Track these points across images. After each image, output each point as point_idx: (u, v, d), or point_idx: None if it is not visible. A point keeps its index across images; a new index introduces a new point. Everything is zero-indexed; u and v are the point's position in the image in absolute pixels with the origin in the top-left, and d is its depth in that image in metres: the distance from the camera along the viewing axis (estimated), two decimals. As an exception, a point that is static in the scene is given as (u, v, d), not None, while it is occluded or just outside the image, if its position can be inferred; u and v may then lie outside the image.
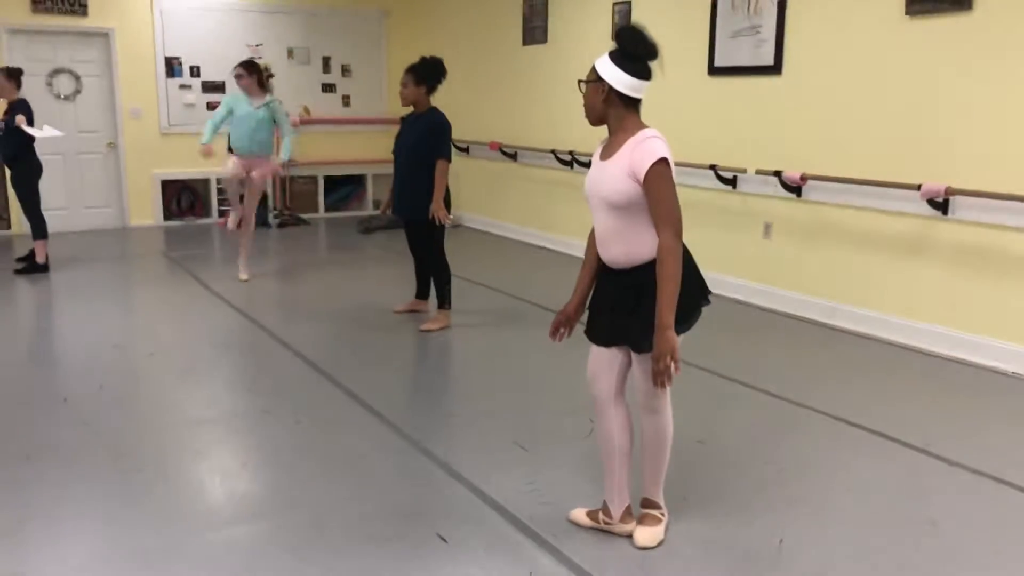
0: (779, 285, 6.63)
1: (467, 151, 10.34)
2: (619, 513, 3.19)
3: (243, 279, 7.47)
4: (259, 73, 7.30)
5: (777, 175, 6.44)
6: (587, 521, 3.27)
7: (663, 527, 3.20)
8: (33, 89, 9.11)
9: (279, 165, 7.59)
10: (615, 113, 2.96)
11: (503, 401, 4.67)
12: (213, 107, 10.22)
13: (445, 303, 6.08)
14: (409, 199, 5.92)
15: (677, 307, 2.83)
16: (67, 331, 6.26)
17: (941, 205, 5.44)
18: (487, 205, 10.35)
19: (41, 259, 7.79)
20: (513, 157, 9.65)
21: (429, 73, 5.87)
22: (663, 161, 2.86)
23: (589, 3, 8.32)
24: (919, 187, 5.47)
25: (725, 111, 6.94)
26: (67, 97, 9.95)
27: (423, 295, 6.44)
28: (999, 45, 5.12)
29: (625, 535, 3.19)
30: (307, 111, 11.04)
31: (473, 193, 10.47)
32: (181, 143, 10.36)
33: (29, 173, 7.67)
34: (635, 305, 2.96)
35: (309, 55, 11.07)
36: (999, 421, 4.47)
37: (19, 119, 7.38)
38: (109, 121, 10.19)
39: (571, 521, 3.30)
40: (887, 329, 5.84)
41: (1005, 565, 3.11)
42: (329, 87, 11.26)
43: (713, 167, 6.94)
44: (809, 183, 6.27)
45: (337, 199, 11.61)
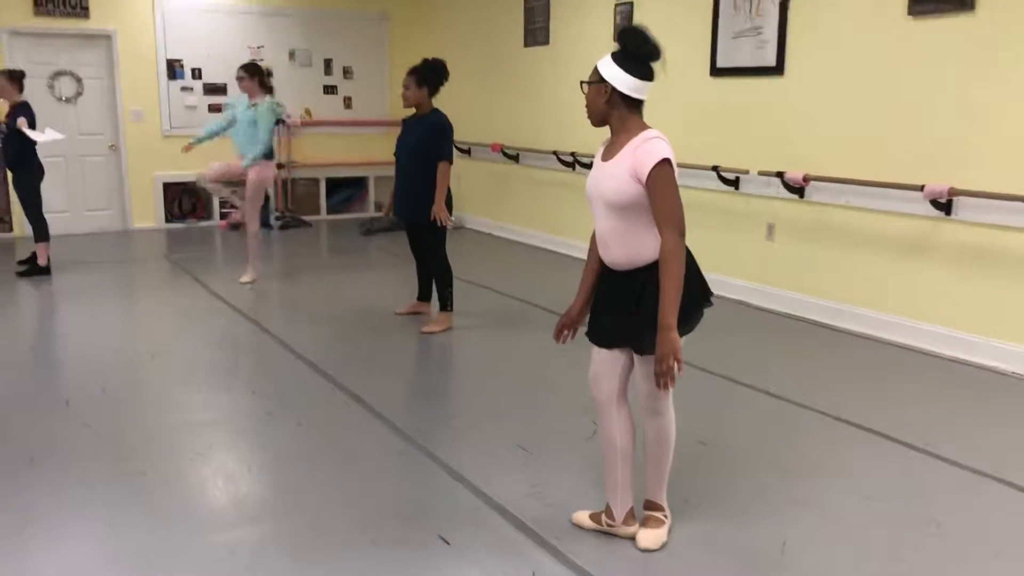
0: (782, 286, 6.62)
1: (469, 153, 10.34)
2: (622, 515, 3.18)
3: (242, 281, 7.47)
4: (260, 75, 7.29)
5: (780, 176, 6.43)
6: (590, 523, 3.26)
7: (666, 529, 3.19)
8: (35, 91, 9.13)
9: (242, 167, 7.31)
10: (617, 114, 2.96)
11: (505, 403, 4.66)
12: (215, 109, 10.26)
13: (447, 305, 6.08)
14: (411, 201, 5.92)
15: (679, 308, 2.82)
16: (69, 334, 6.26)
17: (944, 206, 5.43)
18: (489, 207, 10.35)
19: (43, 262, 7.78)
20: (515, 159, 9.64)
21: (431, 75, 5.87)
22: (666, 162, 2.85)
23: (591, 4, 8.32)
24: (922, 188, 5.47)
25: (727, 112, 6.94)
26: (69, 99, 9.95)
27: (425, 297, 6.43)
28: (1002, 45, 5.11)
29: (628, 537, 3.18)
30: (309, 113, 11.04)
31: (475, 195, 10.47)
32: (182, 145, 10.32)
33: (31, 176, 7.68)
34: (637, 307, 2.95)
35: (311, 57, 11.07)
36: (1002, 422, 4.46)
37: (20, 122, 7.39)
38: (111, 123, 10.19)
39: (574, 523, 3.29)
40: (890, 330, 5.83)
41: (1009, 565, 3.10)
42: (331, 89, 11.26)
43: (715, 168, 6.93)
44: (812, 184, 6.26)
45: (339, 201, 11.61)
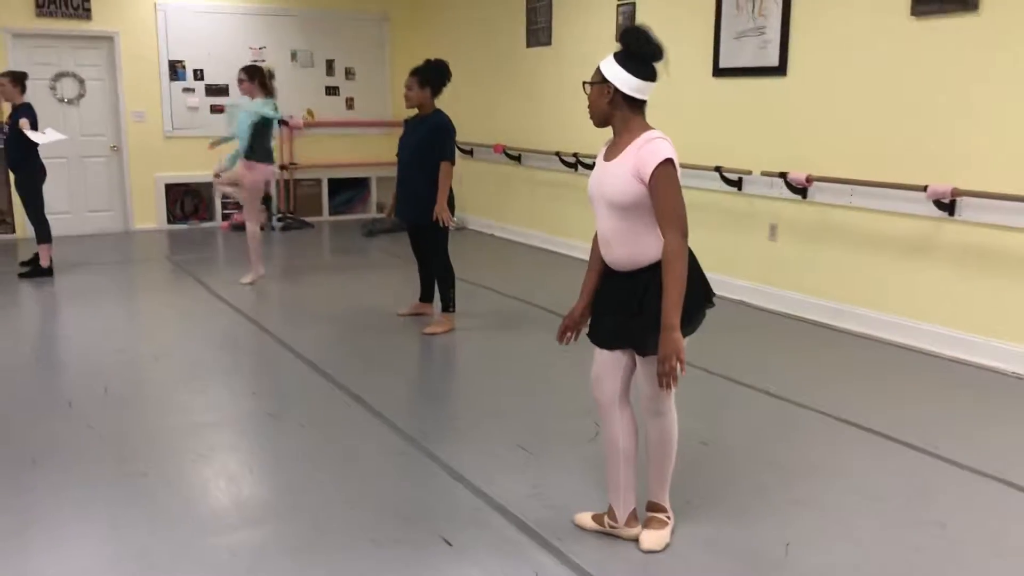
0: (784, 287, 6.61)
1: (471, 153, 10.33)
2: (624, 516, 3.17)
3: (243, 283, 7.46)
4: (260, 77, 7.27)
5: (782, 176, 6.42)
6: (592, 524, 3.26)
7: (669, 530, 3.19)
8: (37, 93, 9.12)
9: (216, 171, 7.48)
10: (620, 115, 2.95)
11: (507, 404, 4.66)
12: (217, 110, 10.28)
13: (449, 306, 6.07)
14: (412, 202, 5.91)
15: (682, 309, 2.82)
16: (71, 335, 6.26)
17: (947, 206, 5.42)
18: (491, 208, 10.34)
19: (45, 263, 7.79)
20: (517, 159, 9.64)
21: (434, 76, 5.87)
22: (668, 162, 2.84)
23: (593, 5, 8.32)
24: (925, 188, 5.46)
25: (730, 112, 6.93)
26: (71, 101, 9.96)
27: (427, 298, 6.43)
28: (1005, 45, 5.10)
29: (631, 538, 3.17)
30: (311, 114, 11.04)
31: (477, 195, 10.46)
32: (184, 146, 10.37)
33: (33, 177, 7.68)
34: (639, 307, 2.94)
35: (312, 58, 11.07)
36: (1005, 422, 4.45)
37: (22, 123, 7.39)
38: (112, 125, 10.20)
39: (576, 524, 3.29)
40: (892, 330, 5.82)
41: (1012, 566, 3.09)
42: (333, 90, 11.26)
43: (718, 168, 6.92)
44: (815, 184, 6.25)
45: (341, 202, 11.61)
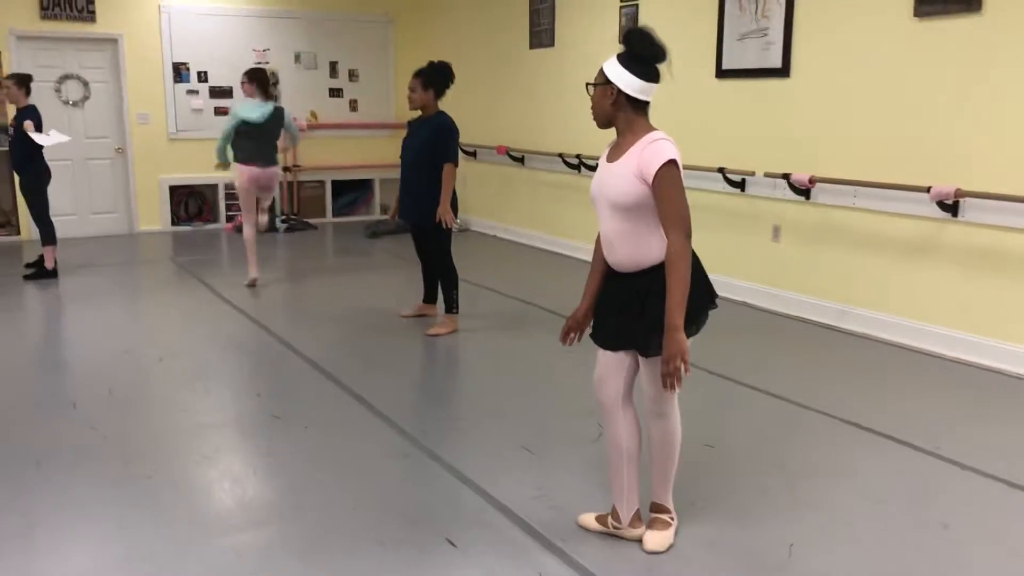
0: (788, 288, 6.61)
1: (474, 155, 10.34)
2: (628, 517, 3.18)
3: (245, 284, 7.48)
4: (259, 79, 7.28)
5: (786, 178, 6.42)
6: (596, 525, 3.26)
7: (672, 531, 3.19)
8: (42, 95, 9.15)
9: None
10: (623, 116, 2.95)
11: (511, 405, 4.66)
12: (221, 112, 10.28)
13: (452, 307, 6.07)
14: (416, 203, 5.92)
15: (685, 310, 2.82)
16: (76, 336, 6.28)
17: (951, 207, 5.42)
18: (494, 209, 10.35)
19: (50, 265, 7.80)
20: (520, 161, 9.64)
21: (437, 77, 5.87)
22: (672, 163, 2.84)
23: (596, 6, 8.32)
24: (928, 189, 5.45)
25: (733, 114, 6.93)
26: (76, 103, 9.98)
27: (431, 299, 6.43)
28: (1009, 46, 5.09)
29: (634, 539, 3.17)
30: (314, 116, 11.06)
31: (480, 197, 10.47)
32: (189, 148, 10.39)
33: (38, 179, 7.70)
34: (642, 309, 2.94)
35: (316, 60, 11.09)
36: (1008, 423, 4.44)
37: (27, 124, 7.41)
38: (117, 127, 10.22)
39: (580, 525, 3.29)
40: (895, 331, 5.81)
41: (1015, 567, 3.09)
42: (336, 92, 11.28)
43: (721, 170, 6.93)
44: (818, 185, 6.25)
45: (344, 204, 11.62)
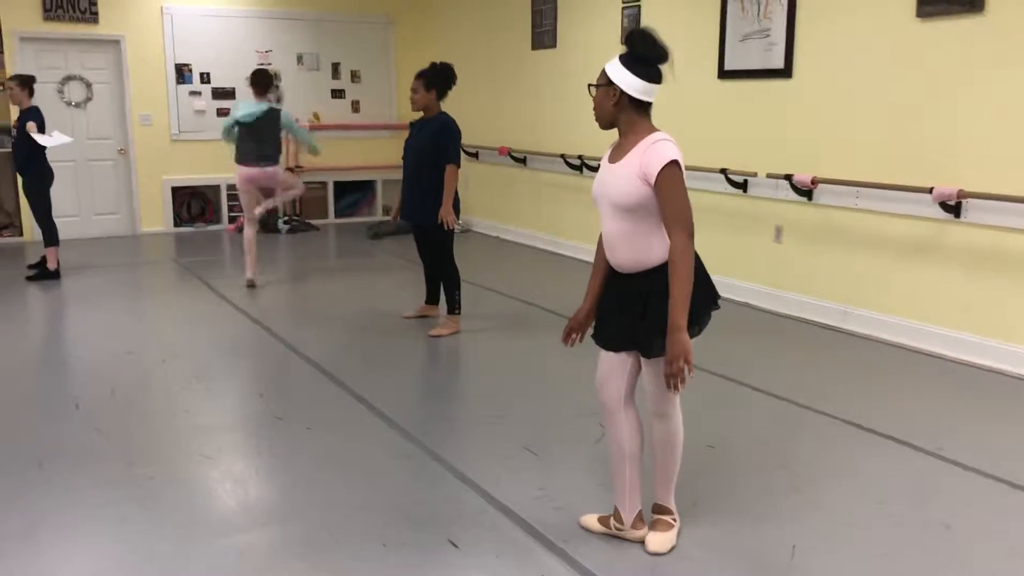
0: (790, 289, 6.60)
1: (476, 156, 10.34)
2: (630, 519, 3.18)
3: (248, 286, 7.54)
4: (256, 80, 7.40)
5: (788, 178, 6.42)
6: (598, 527, 3.26)
7: (675, 532, 3.19)
8: (45, 96, 9.17)
9: None
10: (626, 117, 2.95)
11: (513, 406, 4.66)
12: (223, 113, 10.28)
13: (455, 308, 6.08)
14: (418, 204, 5.92)
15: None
16: (78, 337, 6.29)
17: (953, 208, 5.41)
18: (496, 210, 10.35)
19: (52, 266, 7.81)
20: (523, 162, 9.65)
21: (439, 78, 5.88)
22: (674, 163, 2.84)
23: (598, 7, 8.32)
24: (931, 190, 5.45)
25: (735, 114, 6.93)
26: (78, 104, 10.00)
27: (433, 300, 6.43)
28: (1011, 46, 5.09)
29: (637, 541, 3.17)
30: (317, 117, 11.07)
31: (482, 198, 10.47)
32: (191, 149, 10.41)
33: (40, 180, 7.71)
34: (643, 310, 2.95)
35: (318, 61, 11.10)
36: (1012, 425, 4.44)
37: (30, 125, 7.42)
38: (120, 128, 10.23)
39: (582, 527, 3.29)
40: (898, 332, 5.81)
41: (1019, 568, 3.08)
42: (338, 93, 11.29)
43: (723, 171, 6.92)
44: (820, 186, 6.24)
45: (346, 205, 11.63)
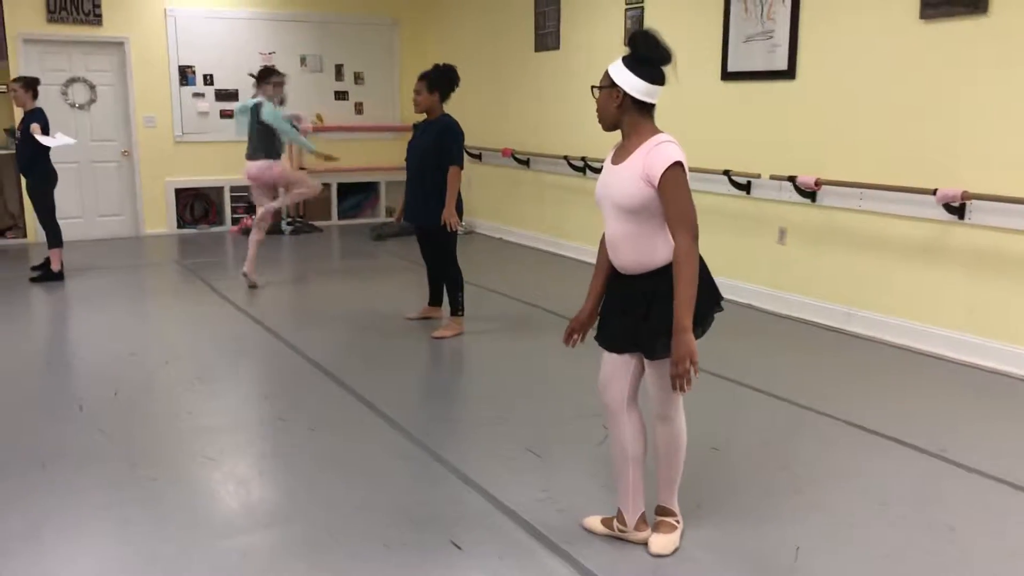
0: (794, 290, 6.60)
1: (480, 158, 10.35)
2: (634, 520, 3.17)
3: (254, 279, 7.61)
4: (257, 76, 7.48)
5: (791, 180, 6.41)
6: (601, 528, 3.25)
7: (678, 534, 3.18)
8: (48, 98, 9.19)
9: None
10: (629, 119, 2.95)
11: (516, 407, 4.66)
12: (227, 115, 10.29)
13: (458, 310, 6.08)
14: (421, 206, 5.92)
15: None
16: (82, 339, 6.29)
17: (957, 209, 5.40)
18: (500, 212, 10.35)
19: (56, 267, 7.83)
20: (526, 163, 9.65)
21: (442, 80, 5.88)
22: (678, 164, 2.84)
23: (601, 9, 8.32)
24: (935, 191, 5.44)
25: (739, 116, 6.92)
26: (82, 106, 10.01)
27: (436, 302, 6.43)
28: (1015, 47, 5.08)
29: (640, 542, 3.17)
30: (320, 119, 11.07)
31: (486, 200, 10.48)
32: (195, 151, 10.42)
33: (44, 182, 7.72)
34: (647, 311, 2.94)
35: (322, 63, 11.11)
36: (1016, 426, 4.43)
37: (33, 127, 7.44)
38: (123, 130, 10.25)
39: (585, 528, 3.29)
40: (902, 334, 5.80)
41: (1021, 570, 3.07)
42: (342, 95, 11.30)
43: (727, 172, 6.92)
44: (824, 188, 6.24)
45: (350, 206, 11.64)
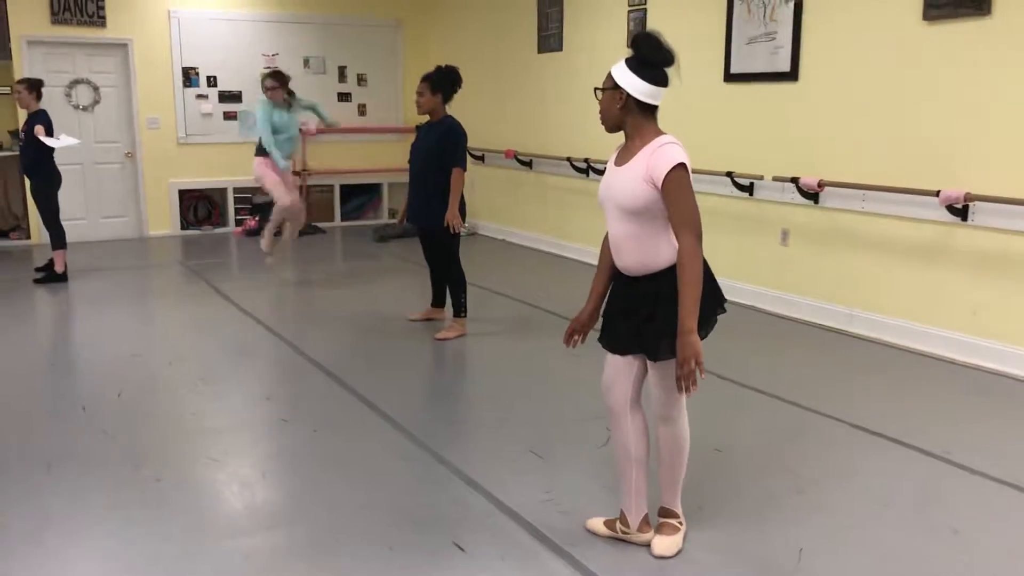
0: (796, 292, 6.59)
1: (482, 159, 10.35)
2: (636, 522, 3.17)
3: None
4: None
5: (794, 181, 6.41)
6: (604, 530, 3.26)
7: (681, 536, 3.18)
8: (52, 100, 9.18)
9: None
10: (632, 120, 2.95)
11: (518, 409, 4.66)
12: (230, 116, 10.30)
13: (461, 311, 6.08)
14: (424, 207, 5.93)
15: (697, 312, 2.82)
16: (85, 340, 6.30)
17: (960, 211, 5.40)
18: (502, 213, 10.35)
19: (60, 269, 7.83)
20: (528, 165, 9.65)
21: (445, 82, 5.89)
22: (681, 166, 2.85)
23: (604, 10, 8.33)
24: (938, 193, 5.44)
25: (741, 118, 6.92)
26: (86, 108, 10.03)
27: (439, 303, 6.44)
28: (1018, 49, 5.08)
29: (643, 544, 3.17)
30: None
31: (488, 201, 10.48)
32: (198, 153, 10.43)
33: (48, 183, 7.73)
34: (650, 313, 2.94)
35: (325, 64, 11.12)
36: (1019, 428, 4.43)
37: (37, 129, 7.45)
38: (127, 131, 10.26)
39: (588, 530, 3.29)
40: (905, 336, 5.80)
41: (1028, 575, 3.08)
42: (345, 96, 11.31)
43: (730, 174, 6.92)
44: (826, 189, 6.24)
45: (353, 208, 11.65)
